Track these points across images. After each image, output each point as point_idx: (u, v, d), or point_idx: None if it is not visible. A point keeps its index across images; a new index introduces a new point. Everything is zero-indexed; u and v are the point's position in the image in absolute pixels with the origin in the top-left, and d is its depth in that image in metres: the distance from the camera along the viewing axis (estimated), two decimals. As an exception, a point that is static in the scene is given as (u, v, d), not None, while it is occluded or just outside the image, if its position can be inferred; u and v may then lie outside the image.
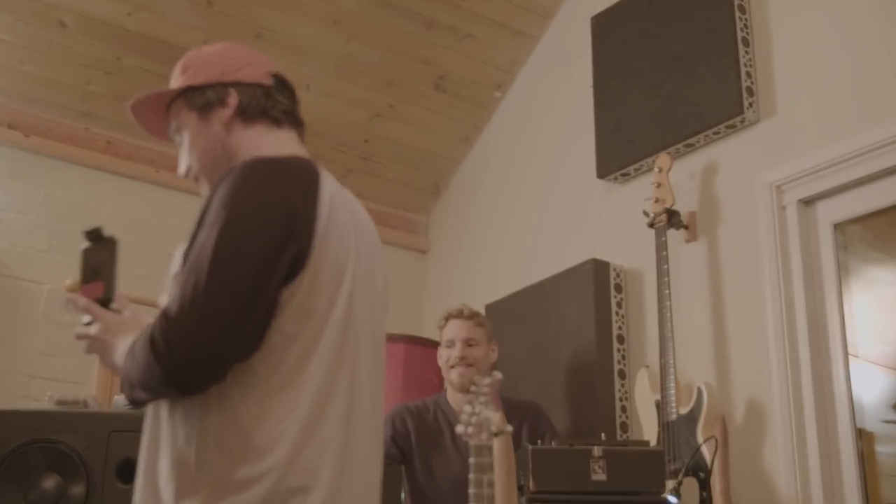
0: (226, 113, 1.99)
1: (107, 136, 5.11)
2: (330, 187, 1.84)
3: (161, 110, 2.11)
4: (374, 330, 1.91)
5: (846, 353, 3.60)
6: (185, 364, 1.61)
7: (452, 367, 3.79)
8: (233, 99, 1.99)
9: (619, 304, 4.39)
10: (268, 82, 2.03)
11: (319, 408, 1.71)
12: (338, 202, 1.84)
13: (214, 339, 1.62)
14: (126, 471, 2.93)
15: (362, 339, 1.84)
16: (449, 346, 3.83)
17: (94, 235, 1.95)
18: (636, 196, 4.32)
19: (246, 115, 1.99)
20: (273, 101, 2.02)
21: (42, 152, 4.92)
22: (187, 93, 2.04)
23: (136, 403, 1.75)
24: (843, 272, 3.69)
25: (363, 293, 1.86)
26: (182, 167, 2.08)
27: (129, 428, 1.93)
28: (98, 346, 1.85)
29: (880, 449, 3.52)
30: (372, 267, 1.94)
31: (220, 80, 2.01)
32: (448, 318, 3.87)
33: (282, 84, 2.07)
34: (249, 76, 2.02)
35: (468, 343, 3.79)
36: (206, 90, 2.01)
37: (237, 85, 2.00)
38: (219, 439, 1.66)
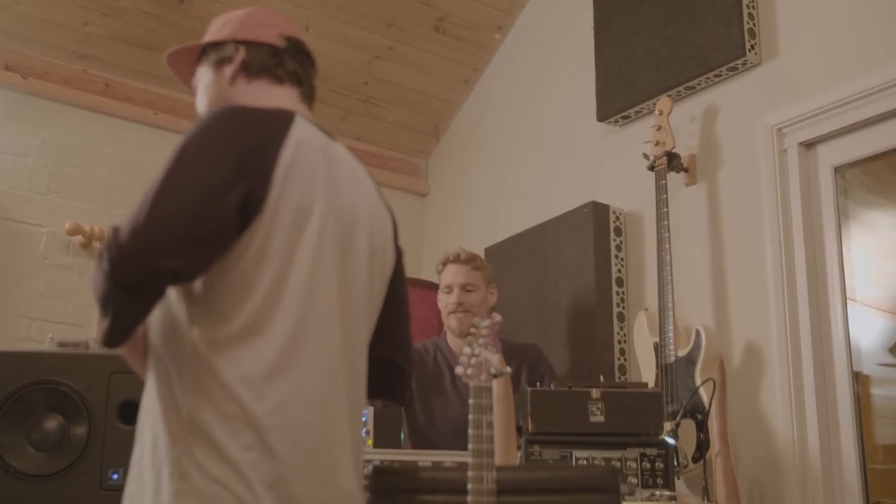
0: (232, 67, 2.11)
1: (105, 79, 5.08)
2: (301, 137, 1.89)
3: (192, 62, 2.23)
4: (352, 278, 1.96)
5: (844, 297, 3.61)
6: (123, 261, 1.65)
7: (451, 312, 3.79)
8: (239, 55, 2.11)
9: (618, 247, 4.40)
10: (278, 43, 2.14)
11: (290, 352, 1.78)
12: (309, 153, 1.90)
13: (150, 242, 1.66)
14: (127, 411, 2.96)
15: (332, 286, 1.89)
16: (447, 292, 3.83)
17: None
18: (636, 139, 4.31)
19: (249, 70, 2.11)
20: (279, 61, 2.13)
21: (40, 94, 4.89)
22: (208, 48, 2.17)
23: (107, 340, 1.76)
24: (842, 216, 3.69)
25: (334, 243, 1.91)
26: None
27: (129, 370, 1.94)
28: None
29: (876, 391, 3.55)
30: (355, 220, 1.99)
31: (235, 37, 2.13)
32: (445, 262, 3.86)
33: (296, 48, 2.18)
34: (260, 36, 2.13)
35: (465, 288, 3.79)
36: (223, 46, 2.14)
37: (248, 43, 2.12)
38: (198, 383, 1.73)
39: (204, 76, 2.17)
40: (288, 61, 2.14)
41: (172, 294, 1.82)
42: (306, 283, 1.82)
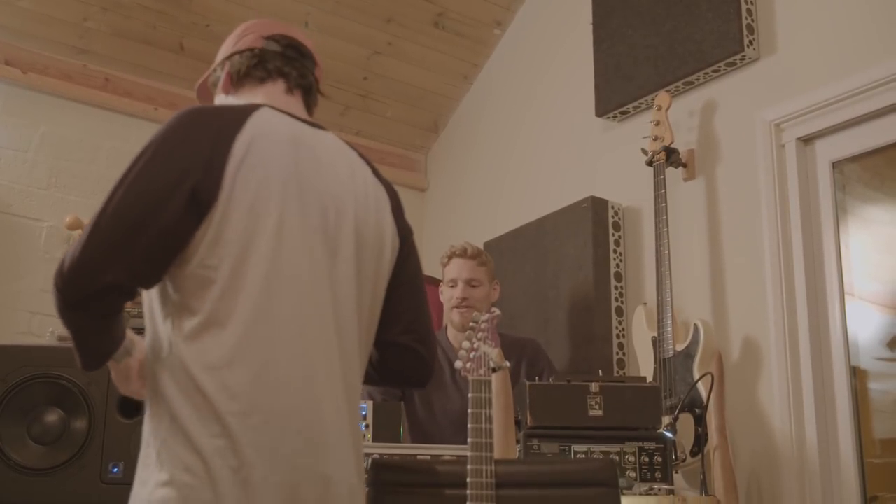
0: (222, 83, 2.20)
1: (105, 73, 5.08)
2: (260, 129, 1.92)
3: (209, 95, 2.32)
4: (338, 264, 1.97)
5: (842, 292, 3.62)
6: (69, 277, 1.75)
7: (454, 307, 3.80)
8: (224, 70, 2.20)
9: (616, 242, 4.40)
10: (259, 45, 2.19)
11: (251, 338, 1.81)
12: (269, 143, 1.92)
13: (90, 260, 1.75)
14: (127, 406, 2.97)
15: (305, 272, 1.90)
16: (451, 286, 3.83)
17: None
18: (635, 134, 4.32)
19: (235, 80, 2.18)
20: (258, 60, 2.17)
21: (40, 89, 4.89)
22: (211, 74, 2.27)
23: (82, 365, 1.89)
24: (840, 211, 3.70)
25: (305, 230, 1.92)
26: None
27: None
28: None
29: (873, 386, 3.56)
30: (336, 207, 1.99)
31: (225, 55, 2.21)
32: (451, 256, 3.86)
33: (281, 43, 2.20)
34: (242, 45, 2.19)
35: (470, 283, 3.80)
36: (215, 70, 2.24)
37: (231, 56, 2.19)
38: (174, 378, 1.80)
39: (212, 98, 2.25)
40: (269, 58, 2.17)
41: (153, 296, 1.89)
42: (267, 271, 1.84)
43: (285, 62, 2.18)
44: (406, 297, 2.16)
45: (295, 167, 1.95)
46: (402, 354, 2.17)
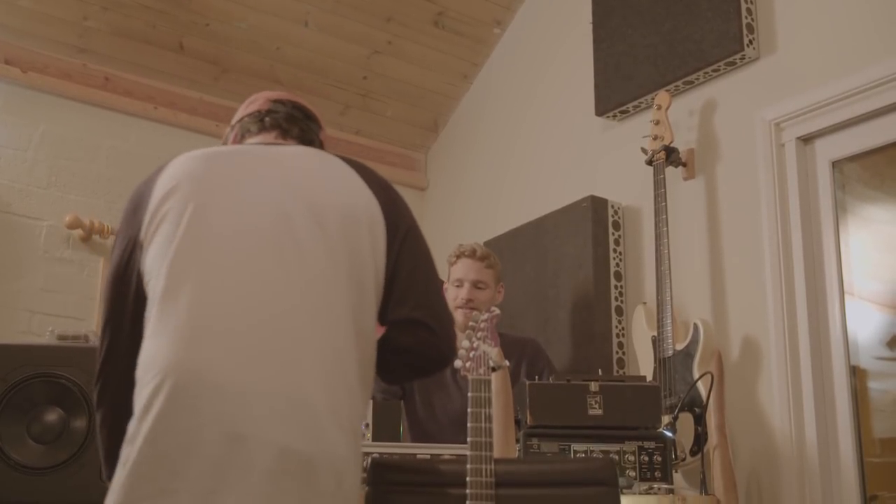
0: (230, 143, 2.30)
1: (105, 73, 5.08)
2: (181, 163, 2.03)
3: None
4: (301, 267, 1.93)
5: (842, 291, 3.63)
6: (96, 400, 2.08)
7: (458, 307, 3.79)
8: (234, 132, 2.30)
9: (616, 241, 4.40)
10: (266, 107, 2.29)
11: (149, 345, 1.86)
12: (189, 169, 2.01)
13: (101, 383, 2.05)
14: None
15: (223, 274, 1.90)
16: (457, 285, 3.82)
17: None
18: (635, 133, 4.32)
19: (240, 139, 2.27)
20: (257, 118, 2.27)
21: (40, 88, 4.89)
22: (225, 139, 2.38)
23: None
24: (840, 210, 3.70)
25: (235, 233, 1.93)
26: None
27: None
28: None
29: (873, 385, 3.56)
30: (286, 210, 1.98)
31: (236, 119, 2.32)
32: (459, 255, 3.85)
33: (284, 104, 2.30)
34: (252, 108, 2.30)
35: (477, 285, 3.79)
36: (227, 132, 2.35)
37: (242, 119, 2.30)
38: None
39: None
40: (267, 117, 2.26)
41: None
42: (166, 279, 1.88)
43: (286, 119, 2.26)
44: (412, 275, 2.10)
45: (229, 177, 2.02)
46: (415, 331, 2.09)
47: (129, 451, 1.77)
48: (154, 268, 1.90)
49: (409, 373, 2.32)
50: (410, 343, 2.10)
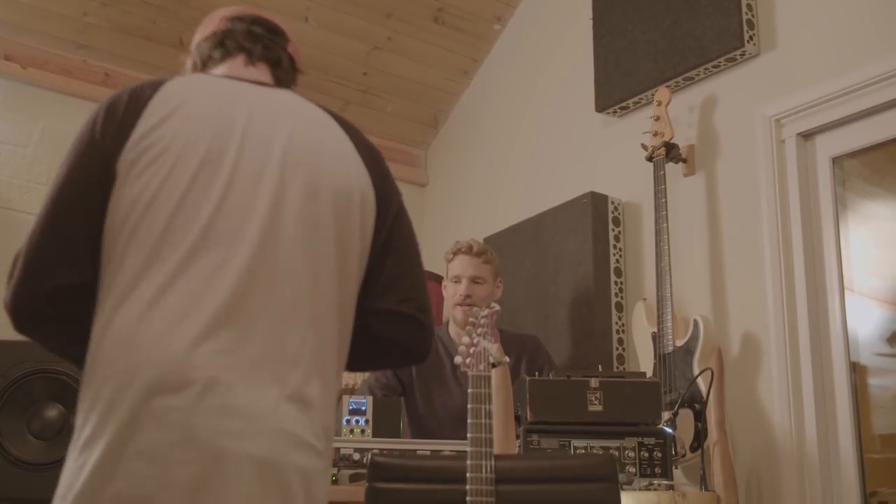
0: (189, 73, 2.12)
1: (105, 69, 5.08)
2: (177, 95, 1.81)
3: None
4: (282, 231, 1.76)
5: (842, 287, 3.62)
6: (7, 301, 1.74)
7: (457, 304, 3.79)
8: (189, 61, 2.14)
9: (616, 238, 4.40)
10: (223, 27, 2.10)
11: (121, 303, 1.65)
12: (194, 107, 1.80)
13: (26, 272, 1.74)
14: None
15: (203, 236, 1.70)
16: (455, 282, 3.82)
17: None
18: (635, 129, 4.31)
19: (200, 67, 2.10)
20: (216, 42, 2.08)
21: (40, 84, 4.89)
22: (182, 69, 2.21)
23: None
24: (840, 206, 3.70)
25: (217, 190, 1.73)
26: None
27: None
28: None
29: (873, 381, 3.56)
30: (273, 167, 1.80)
31: (194, 44, 2.14)
32: (457, 252, 3.85)
33: (243, 20, 2.12)
34: (209, 30, 2.12)
35: (474, 281, 3.79)
36: (186, 61, 2.18)
37: (199, 43, 2.12)
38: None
39: None
40: (230, 37, 2.07)
41: None
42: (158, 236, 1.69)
43: (247, 38, 2.07)
44: (401, 263, 1.96)
45: (218, 125, 1.80)
46: (403, 324, 1.94)
47: (83, 461, 1.56)
48: (140, 207, 1.68)
49: (386, 363, 2.21)
50: (395, 335, 1.96)
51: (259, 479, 1.58)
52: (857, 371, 3.55)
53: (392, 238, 1.95)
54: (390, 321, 1.94)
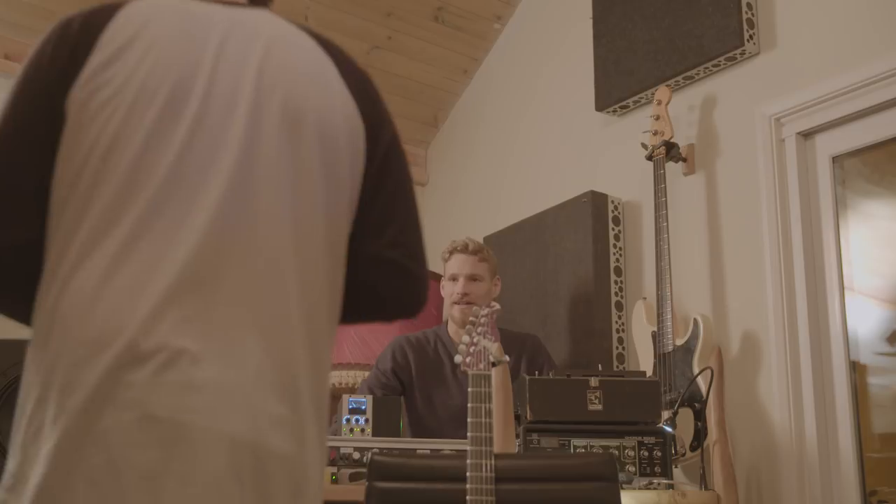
0: None
1: (104, 68, 5.08)
2: (137, 20, 1.54)
3: None
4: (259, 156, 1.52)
5: (842, 287, 3.62)
6: None
7: (455, 303, 3.79)
8: None
9: (616, 237, 4.40)
10: None
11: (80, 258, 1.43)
12: (157, 33, 1.54)
13: None
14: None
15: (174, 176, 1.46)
16: (452, 280, 3.83)
17: None
18: (635, 129, 4.32)
19: None
20: None
21: (39, 83, 4.89)
22: None
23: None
24: (840, 206, 3.70)
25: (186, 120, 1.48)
26: None
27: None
28: None
29: (873, 381, 3.56)
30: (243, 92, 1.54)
31: None
32: (452, 251, 3.86)
33: None
34: None
35: (471, 279, 3.80)
36: None
37: None
38: None
39: None
40: None
41: None
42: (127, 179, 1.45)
43: None
44: (390, 203, 1.73)
45: (205, 57, 1.55)
46: (389, 273, 1.71)
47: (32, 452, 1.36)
48: (96, 156, 1.45)
49: (378, 316, 1.88)
50: (381, 284, 1.72)
51: (230, 465, 1.34)
52: (856, 370, 3.55)
53: (382, 173, 1.72)
54: (377, 268, 1.69)
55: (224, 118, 1.51)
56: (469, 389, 2.55)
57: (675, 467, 3.37)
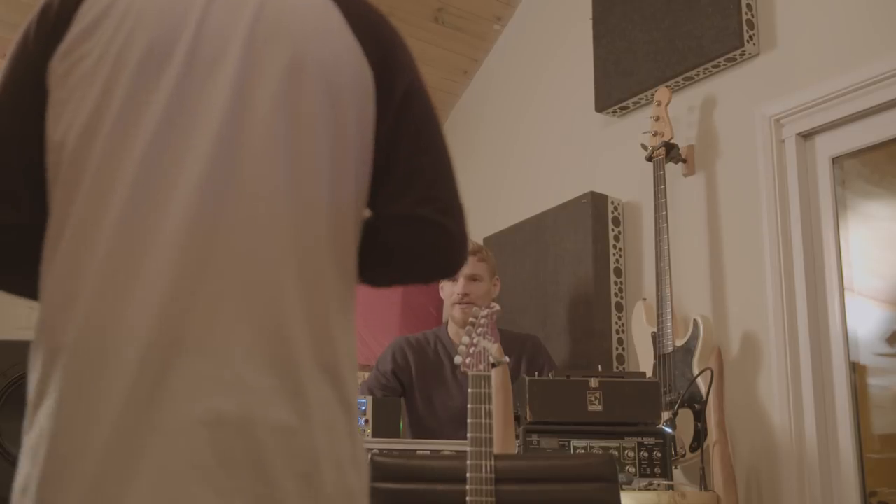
0: None
1: (104, 68, 5.08)
2: None
3: None
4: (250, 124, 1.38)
5: (842, 287, 3.62)
6: None
7: (455, 303, 3.80)
8: None
9: (616, 237, 4.40)
10: None
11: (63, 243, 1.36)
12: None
13: None
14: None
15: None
16: (452, 281, 3.83)
17: None
18: (635, 129, 4.32)
19: None
20: None
21: (39, 84, 4.89)
22: None
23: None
24: (840, 206, 3.70)
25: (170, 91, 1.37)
26: None
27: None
28: None
29: (872, 381, 3.56)
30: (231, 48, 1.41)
31: None
32: None
33: None
34: None
35: (471, 279, 3.80)
36: None
37: None
38: None
39: None
40: None
41: None
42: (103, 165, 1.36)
43: None
44: (414, 154, 1.55)
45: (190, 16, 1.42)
46: (422, 232, 1.54)
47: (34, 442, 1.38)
48: (73, 135, 1.37)
49: (406, 278, 1.71)
50: (414, 245, 1.55)
51: (210, 445, 1.22)
52: (856, 371, 3.55)
53: (401, 124, 1.54)
54: (407, 228, 1.53)
55: (207, 78, 1.37)
56: (469, 390, 2.55)
57: (675, 468, 3.38)
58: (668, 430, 3.16)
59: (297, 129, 1.39)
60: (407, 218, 1.51)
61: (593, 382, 3.16)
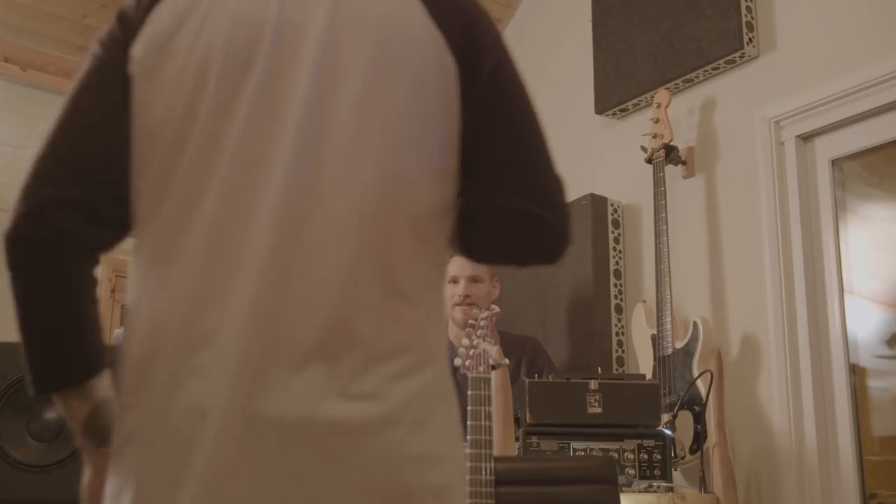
0: None
1: (104, 70, 5.08)
2: None
3: None
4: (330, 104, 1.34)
5: (841, 289, 3.62)
6: (8, 225, 1.41)
7: (456, 304, 3.79)
8: None
9: (616, 240, 4.40)
10: None
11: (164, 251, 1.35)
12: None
13: (27, 184, 1.46)
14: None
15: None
16: (453, 283, 3.83)
17: None
18: (635, 132, 4.32)
19: None
20: None
21: (39, 86, 4.89)
22: None
23: (34, 382, 1.49)
24: (839, 208, 3.70)
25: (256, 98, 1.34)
26: None
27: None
28: None
29: (872, 383, 3.56)
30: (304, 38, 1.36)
31: None
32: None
33: None
34: None
35: (472, 280, 3.80)
36: None
37: None
38: None
39: None
40: None
41: None
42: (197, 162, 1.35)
43: None
44: (507, 141, 1.46)
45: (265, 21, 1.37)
46: (518, 224, 1.46)
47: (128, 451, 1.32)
48: (166, 138, 1.36)
49: (503, 262, 1.64)
50: (510, 237, 1.49)
51: (241, 439, 1.23)
52: (856, 373, 3.55)
53: (488, 110, 1.45)
54: (502, 220, 1.46)
55: (289, 79, 1.33)
56: (468, 392, 2.55)
57: (675, 470, 3.37)
58: (668, 432, 3.16)
59: (381, 126, 1.35)
60: (502, 210, 1.44)
61: (593, 384, 3.16)
